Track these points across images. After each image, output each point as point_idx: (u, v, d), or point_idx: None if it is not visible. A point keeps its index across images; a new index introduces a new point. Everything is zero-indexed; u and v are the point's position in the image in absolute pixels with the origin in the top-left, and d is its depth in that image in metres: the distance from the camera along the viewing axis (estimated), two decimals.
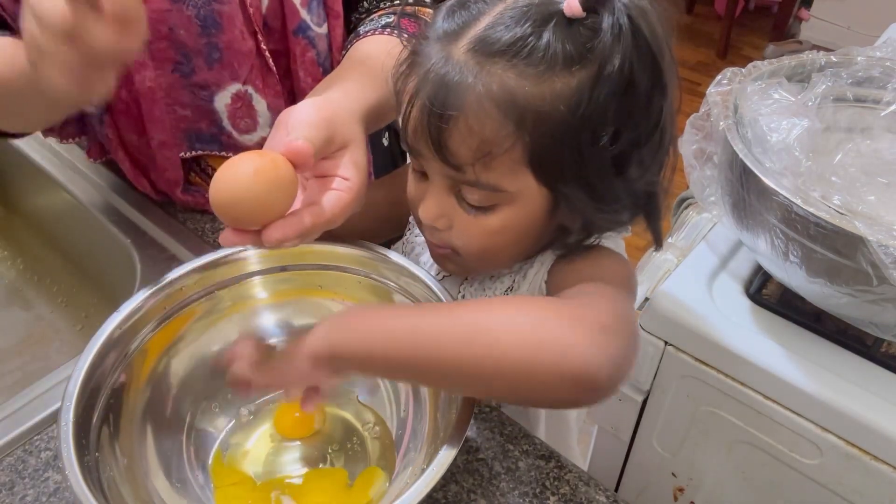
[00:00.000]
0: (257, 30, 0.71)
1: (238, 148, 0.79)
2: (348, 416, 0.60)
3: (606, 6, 0.45)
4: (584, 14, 0.45)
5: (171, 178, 0.78)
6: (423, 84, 0.48)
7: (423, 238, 0.60)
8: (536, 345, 0.42)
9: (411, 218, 0.70)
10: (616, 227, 0.55)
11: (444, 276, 0.64)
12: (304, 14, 0.72)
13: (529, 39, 0.45)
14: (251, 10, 0.69)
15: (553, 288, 0.56)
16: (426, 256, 0.62)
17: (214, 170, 0.82)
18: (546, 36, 0.45)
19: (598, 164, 0.48)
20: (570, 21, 0.45)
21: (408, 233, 0.71)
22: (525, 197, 0.50)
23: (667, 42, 0.48)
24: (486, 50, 0.46)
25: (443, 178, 0.52)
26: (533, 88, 0.46)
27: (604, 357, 0.42)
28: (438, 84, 0.47)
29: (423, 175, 0.54)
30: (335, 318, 0.48)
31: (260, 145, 0.76)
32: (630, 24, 0.45)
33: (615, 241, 0.59)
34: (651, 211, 0.54)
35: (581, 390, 0.42)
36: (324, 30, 0.75)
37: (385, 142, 0.94)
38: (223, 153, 0.78)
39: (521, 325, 0.43)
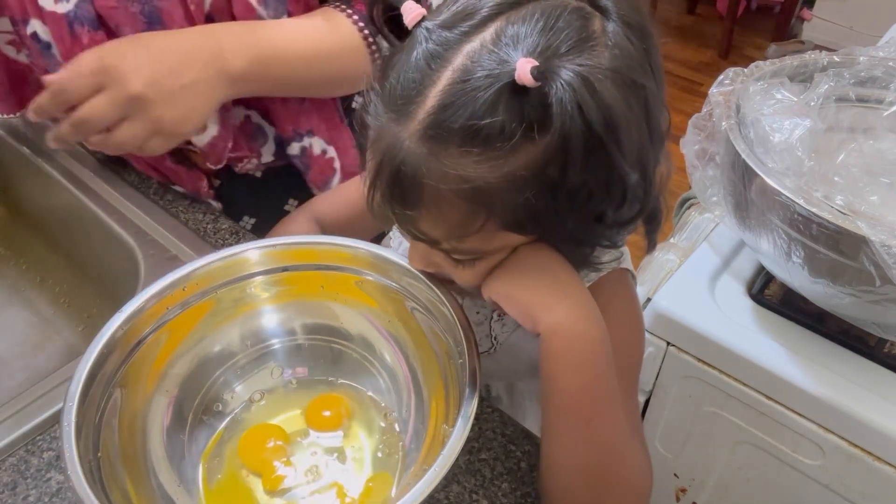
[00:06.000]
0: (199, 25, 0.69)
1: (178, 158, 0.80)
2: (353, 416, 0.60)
3: (550, 78, 0.40)
4: (536, 84, 0.40)
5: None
6: (378, 175, 0.46)
7: None
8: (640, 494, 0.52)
9: None
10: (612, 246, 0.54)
11: None
12: (260, 10, 0.70)
13: (484, 122, 0.41)
14: (192, 7, 0.68)
15: None
16: None
17: (194, 153, 0.80)
18: (500, 113, 0.41)
19: (578, 220, 0.47)
20: (523, 88, 0.40)
21: (395, 226, 0.71)
22: (510, 245, 0.50)
23: (627, 107, 0.42)
24: (437, 136, 0.42)
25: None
26: (494, 174, 0.42)
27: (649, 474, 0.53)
28: (394, 178, 0.44)
29: None
30: (575, 311, 0.49)
31: (213, 146, 0.76)
32: (574, 98, 0.40)
33: (625, 256, 0.60)
34: (651, 223, 0.53)
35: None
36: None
37: None
38: (190, 146, 0.78)
39: (633, 481, 0.51)
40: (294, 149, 0.80)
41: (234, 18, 0.70)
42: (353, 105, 0.87)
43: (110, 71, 0.61)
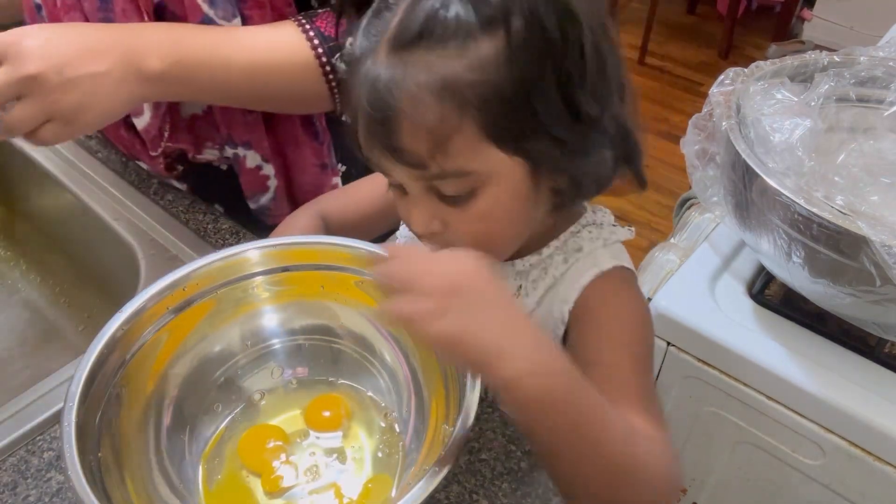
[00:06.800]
0: (144, 10, 0.69)
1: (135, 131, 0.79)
2: (355, 417, 0.60)
3: None
4: None
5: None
6: (359, 98, 0.50)
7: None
8: (660, 488, 0.48)
9: None
10: (604, 175, 0.54)
11: None
12: (206, 8, 0.68)
13: (439, 15, 0.46)
14: None
15: (585, 327, 0.56)
16: None
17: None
18: (454, 7, 0.45)
19: (552, 112, 0.48)
20: None
21: (402, 227, 0.71)
22: (501, 173, 0.50)
23: None
24: (402, 43, 0.47)
25: (414, 181, 0.52)
26: (459, 64, 0.46)
27: (677, 472, 0.49)
28: (371, 91, 0.48)
29: (400, 190, 0.54)
30: (533, 348, 0.43)
31: (146, 131, 0.75)
32: None
33: (620, 251, 0.59)
34: (629, 151, 0.54)
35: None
36: (236, 23, 0.70)
37: None
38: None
39: (648, 442, 0.48)
40: (228, 152, 0.78)
41: (185, 11, 0.69)
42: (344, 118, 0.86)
43: (12, 47, 0.60)
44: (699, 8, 3.25)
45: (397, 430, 0.58)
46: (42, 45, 0.60)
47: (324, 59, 0.70)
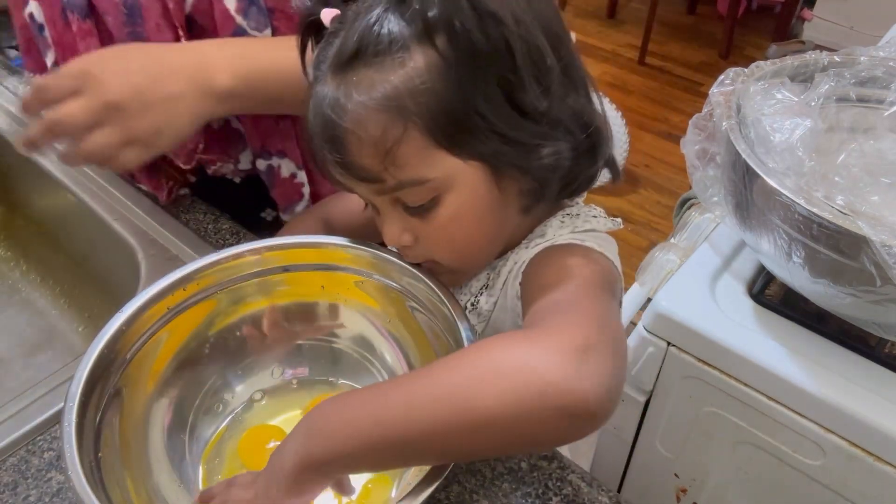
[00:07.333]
0: (177, 25, 0.69)
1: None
2: None
3: None
4: None
5: None
6: (312, 125, 0.51)
7: None
8: (514, 389, 0.39)
9: None
10: (565, 169, 0.53)
11: None
12: (239, 20, 0.69)
13: (373, 32, 0.47)
14: (170, 4, 0.68)
15: (526, 287, 0.56)
16: None
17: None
18: (386, 24, 0.47)
19: (496, 112, 0.48)
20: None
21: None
22: (459, 178, 0.50)
23: None
24: (342, 63, 0.48)
25: (377, 196, 0.53)
26: (396, 76, 0.47)
27: (588, 382, 0.39)
28: (319, 115, 0.50)
29: (374, 207, 0.55)
30: (303, 428, 0.45)
31: (182, 145, 0.74)
32: None
33: (608, 243, 0.58)
34: (593, 142, 0.53)
35: (574, 423, 0.40)
36: (267, 34, 0.71)
37: None
38: None
39: (494, 372, 0.41)
40: (261, 164, 0.79)
41: (214, 23, 0.70)
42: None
43: (91, 76, 0.60)
44: (699, 8, 3.26)
45: None
46: (119, 71, 0.61)
47: None
